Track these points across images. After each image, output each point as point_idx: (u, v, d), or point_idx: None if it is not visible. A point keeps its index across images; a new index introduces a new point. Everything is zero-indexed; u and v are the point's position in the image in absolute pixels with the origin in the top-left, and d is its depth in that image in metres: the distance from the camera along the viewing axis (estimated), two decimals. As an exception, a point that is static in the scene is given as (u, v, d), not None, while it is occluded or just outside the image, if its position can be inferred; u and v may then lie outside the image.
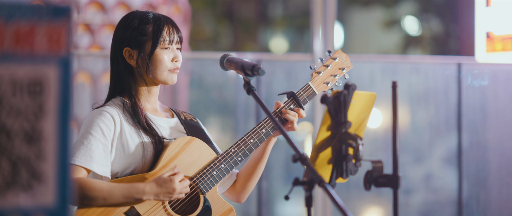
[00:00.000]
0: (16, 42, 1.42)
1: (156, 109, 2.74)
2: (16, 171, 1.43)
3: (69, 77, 1.46)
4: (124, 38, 2.68)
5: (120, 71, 2.69)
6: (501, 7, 6.19)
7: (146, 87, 2.69)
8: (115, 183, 2.54)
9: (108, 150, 2.58)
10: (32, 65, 1.43)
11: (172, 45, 2.68)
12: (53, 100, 1.45)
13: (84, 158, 2.54)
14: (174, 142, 2.63)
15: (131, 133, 2.62)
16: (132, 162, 2.60)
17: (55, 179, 1.46)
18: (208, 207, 2.64)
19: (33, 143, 1.44)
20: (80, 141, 2.56)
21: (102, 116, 2.60)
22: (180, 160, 2.63)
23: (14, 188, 1.43)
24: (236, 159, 2.67)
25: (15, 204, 1.43)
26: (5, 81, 1.41)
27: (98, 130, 2.57)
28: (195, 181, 2.64)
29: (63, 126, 1.46)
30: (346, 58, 2.87)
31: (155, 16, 2.69)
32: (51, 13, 1.45)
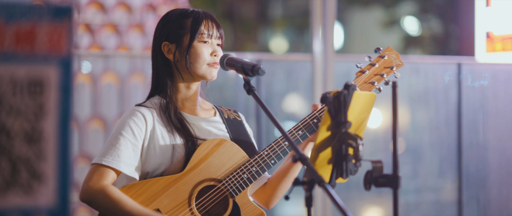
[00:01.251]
0: (16, 42, 1.42)
1: (196, 108, 2.71)
2: (16, 171, 1.43)
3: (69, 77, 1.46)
4: (163, 32, 2.67)
5: (159, 67, 2.67)
6: (501, 7, 6.19)
7: (185, 83, 2.66)
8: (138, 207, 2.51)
9: (138, 150, 2.56)
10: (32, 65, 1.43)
11: (211, 39, 2.65)
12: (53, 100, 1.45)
13: (112, 158, 2.52)
14: (204, 143, 2.60)
15: (163, 133, 2.59)
16: (162, 162, 2.58)
17: (55, 179, 1.46)
18: (237, 211, 2.59)
19: (33, 143, 1.44)
20: (110, 141, 2.56)
21: (133, 116, 2.59)
22: (209, 162, 2.59)
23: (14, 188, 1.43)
24: (269, 162, 2.61)
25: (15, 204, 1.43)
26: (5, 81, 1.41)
27: (128, 130, 2.56)
28: (224, 184, 2.59)
29: (63, 126, 1.46)
30: (397, 56, 2.73)
31: (194, 10, 2.67)
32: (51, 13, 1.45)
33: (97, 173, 2.53)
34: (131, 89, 5.77)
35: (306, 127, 2.64)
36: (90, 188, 2.50)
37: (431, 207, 6.04)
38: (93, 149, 5.72)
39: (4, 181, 1.41)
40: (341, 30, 11.17)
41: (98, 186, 2.50)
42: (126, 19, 6.40)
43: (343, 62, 5.87)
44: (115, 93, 5.75)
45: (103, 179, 2.51)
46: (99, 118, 5.72)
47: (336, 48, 5.80)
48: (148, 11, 6.51)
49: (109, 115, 5.74)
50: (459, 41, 9.82)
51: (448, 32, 10.90)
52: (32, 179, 1.44)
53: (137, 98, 5.74)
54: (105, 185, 2.50)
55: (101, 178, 2.52)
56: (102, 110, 5.72)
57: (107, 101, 5.71)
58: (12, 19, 1.41)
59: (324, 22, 5.53)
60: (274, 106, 5.77)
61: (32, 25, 1.43)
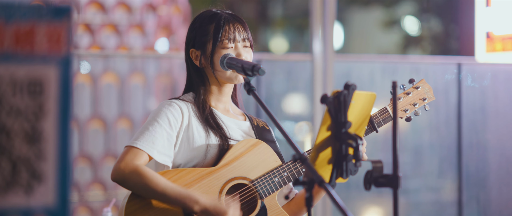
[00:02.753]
0: (16, 42, 1.42)
1: (228, 110, 2.73)
2: (16, 171, 1.43)
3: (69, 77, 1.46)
4: (189, 39, 2.69)
5: (190, 72, 2.71)
6: (501, 7, 6.19)
7: (216, 86, 2.69)
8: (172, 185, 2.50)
9: (172, 140, 2.57)
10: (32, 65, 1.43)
11: (234, 43, 2.65)
12: (53, 100, 1.45)
13: (146, 143, 2.53)
14: (241, 142, 2.62)
15: (198, 128, 2.61)
16: (195, 156, 2.59)
17: (55, 179, 1.46)
18: (264, 213, 2.60)
19: (33, 143, 1.44)
20: (145, 127, 2.56)
21: (170, 107, 2.60)
22: (243, 161, 2.61)
23: (14, 188, 1.43)
24: (301, 169, 2.63)
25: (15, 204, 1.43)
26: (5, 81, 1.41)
27: (165, 119, 2.57)
28: (255, 184, 2.61)
29: (63, 126, 1.46)
30: (429, 89, 2.85)
31: (218, 15, 2.68)
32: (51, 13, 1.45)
33: (130, 154, 2.52)
34: (131, 89, 5.77)
35: None
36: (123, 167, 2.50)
37: (431, 207, 6.04)
38: (93, 149, 5.72)
39: (4, 181, 1.41)
40: (341, 30, 11.17)
41: (132, 165, 2.49)
42: (126, 19, 6.40)
43: (343, 62, 5.87)
44: (115, 93, 5.75)
45: (136, 160, 2.51)
46: (99, 118, 5.73)
47: (336, 48, 5.81)
48: (148, 11, 6.51)
49: (109, 115, 5.74)
50: (459, 41, 9.82)
51: (448, 32, 10.90)
52: (32, 179, 1.44)
53: (137, 98, 5.74)
54: (138, 164, 2.50)
55: (135, 159, 2.51)
56: (102, 110, 5.72)
57: (107, 101, 5.72)
58: (12, 19, 1.41)
59: (324, 22, 5.53)
60: (274, 106, 5.77)
61: (31, 25, 1.43)
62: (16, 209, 1.43)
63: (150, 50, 6.46)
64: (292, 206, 2.76)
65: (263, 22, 11.58)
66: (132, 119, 5.74)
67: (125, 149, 2.54)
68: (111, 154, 5.76)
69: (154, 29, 6.50)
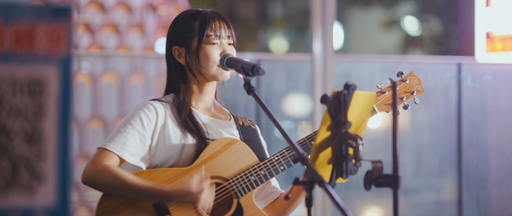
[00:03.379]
0: (16, 42, 1.42)
1: (209, 109, 2.70)
2: (16, 171, 1.43)
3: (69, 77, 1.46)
4: (172, 36, 2.66)
5: (171, 70, 2.68)
6: (501, 7, 6.19)
7: (198, 85, 2.66)
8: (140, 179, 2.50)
9: (145, 141, 2.56)
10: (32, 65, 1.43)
11: (220, 40, 2.64)
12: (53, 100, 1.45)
13: (117, 145, 2.53)
14: (216, 141, 2.59)
15: (174, 128, 2.59)
16: (171, 156, 2.57)
17: (55, 179, 1.46)
18: (240, 212, 2.57)
19: (33, 143, 1.44)
20: (118, 129, 2.57)
21: (145, 108, 2.59)
22: (218, 160, 2.58)
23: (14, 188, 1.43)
24: (278, 167, 2.60)
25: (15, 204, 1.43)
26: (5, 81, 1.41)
27: (137, 120, 2.56)
28: (230, 183, 2.58)
29: (63, 126, 1.46)
30: (419, 82, 2.73)
31: (202, 12, 2.66)
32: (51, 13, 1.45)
33: (100, 156, 2.53)
34: (131, 89, 5.77)
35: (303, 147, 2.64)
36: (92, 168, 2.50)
37: (431, 207, 6.04)
38: (93, 149, 5.71)
39: (4, 181, 1.41)
40: (341, 30, 11.17)
41: (100, 165, 2.50)
42: (126, 19, 6.40)
43: (343, 62, 5.87)
44: (115, 93, 5.75)
45: (105, 160, 2.52)
46: (99, 118, 5.72)
47: (336, 48, 5.81)
48: (148, 11, 6.51)
49: (109, 115, 5.74)
50: (459, 41, 9.82)
51: (448, 32, 10.90)
52: (32, 179, 1.44)
53: (137, 98, 5.74)
54: (108, 164, 2.51)
55: (104, 160, 2.52)
56: (102, 110, 5.72)
57: (107, 101, 5.72)
58: (12, 19, 1.41)
59: (324, 22, 5.53)
60: (274, 106, 5.76)
61: (31, 25, 1.43)
62: (16, 209, 1.43)
63: (150, 50, 6.46)
64: (276, 206, 2.72)
65: (263, 22, 11.57)
66: (132, 119, 5.73)
67: (96, 151, 2.56)
68: (111, 154, 5.75)
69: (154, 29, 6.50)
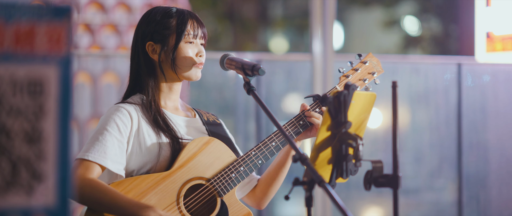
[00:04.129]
0: (16, 42, 1.42)
1: (177, 108, 2.68)
2: (16, 171, 1.43)
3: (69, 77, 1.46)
4: (147, 32, 2.62)
5: (140, 67, 2.63)
6: (501, 7, 6.19)
7: (167, 83, 2.63)
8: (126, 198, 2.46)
9: (123, 147, 2.52)
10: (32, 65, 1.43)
11: (196, 39, 2.62)
12: (53, 100, 1.45)
13: (98, 154, 2.48)
14: (192, 141, 2.57)
15: (148, 131, 2.56)
16: (148, 160, 2.54)
17: (55, 179, 1.46)
18: (225, 210, 2.57)
19: (33, 143, 1.44)
20: (95, 137, 2.51)
21: (118, 112, 2.54)
22: (198, 161, 2.57)
23: (14, 188, 1.43)
24: (256, 162, 2.60)
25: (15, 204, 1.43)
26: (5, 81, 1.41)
27: (114, 126, 2.52)
28: (212, 183, 2.57)
29: (63, 126, 1.46)
30: (377, 63, 2.78)
31: (178, 10, 2.64)
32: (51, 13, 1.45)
33: (82, 167, 2.47)
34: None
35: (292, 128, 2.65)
36: (79, 182, 2.44)
37: (431, 207, 6.04)
38: (93, 149, 5.71)
39: (4, 181, 1.41)
40: (341, 30, 11.17)
41: (84, 179, 2.45)
42: (126, 19, 6.39)
43: (343, 62, 5.87)
44: (115, 93, 5.75)
45: (89, 173, 2.47)
46: (99, 118, 5.72)
47: (336, 48, 5.81)
48: (148, 11, 6.50)
49: (109, 115, 5.73)
50: (459, 41, 9.82)
51: (448, 32, 10.90)
52: (32, 179, 1.44)
53: (137, 98, 5.74)
54: (91, 178, 2.46)
55: (87, 172, 2.47)
56: (102, 110, 5.71)
57: (107, 101, 5.71)
58: (12, 19, 1.41)
59: (324, 22, 5.53)
60: (274, 106, 5.76)
61: (31, 25, 1.43)
62: (16, 209, 1.43)
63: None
64: (258, 192, 2.74)
65: (263, 22, 11.57)
66: (132, 119, 5.74)
67: (76, 162, 2.50)
68: (111, 154, 5.76)
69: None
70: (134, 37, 2.67)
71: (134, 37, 2.67)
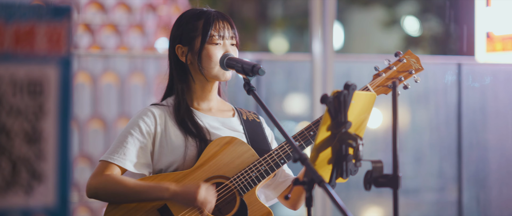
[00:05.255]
0: (16, 42, 1.42)
1: (212, 108, 2.71)
2: (16, 171, 1.43)
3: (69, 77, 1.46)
4: (176, 35, 2.67)
5: (173, 69, 2.69)
6: (501, 7, 6.19)
7: (198, 84, 2.67)
8: (142, 181, 2.54)
9: (147, 149, 2.60)
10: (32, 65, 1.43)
11: (223, 40, 2.64)
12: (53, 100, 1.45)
13: (118, 156, 2.57)
14: (214, 141, 2.61)
15: (175, 132, 2.61)
16: (174, 160, 2.60)
17: (55, 179, 1.46)
18: (244, 209, 2.59)
19: (33, 143, 1.44)
20: (118, 140, 2.61)
21: (144, 115, 2.62)
22: (219, 160, 2.59)
23: (14, 188, 1.43)
24: (278, 161, 2.61)
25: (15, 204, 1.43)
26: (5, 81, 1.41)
27: (136, 130, 2.60)
28: (232, 182, 2.59)
29: (63, 126, 1.46)
30: (417, 60, 2.67)
31: (206, 11, 2.67)
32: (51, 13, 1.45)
33: (102, 168, 2.59)
34: (131, 89, 5.77)
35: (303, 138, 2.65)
36: (93, 181, 2.57)
37: (431, 207, 6.04)
38: (93, 149, 5.71)
39: (4, 181, 1.41)
40: (341, 30, 11.17)
41: (102, 175, 2.56)
42: (126, 19, 6.39)
43: (343, 62, 5.87)
44: (115, 93, 5.75)
45: (107, 171, 2.57)
46: (99, 118, 5.72)
47: (336, 48, 5.81)
48: (148, 11, 6.50)
49: (109, 115, 5.74)
50: (459, 41, 9.82)
51: (448, 32, 10.89)
52: (32, 179, 1.44)
53: (137, 98, 5.74)
54: (107, 173, 2.56)
55: (105, 171, 2.57)
56: (102, 110, 5.71)
57: (107, 101, 5.71)
58: (12, 19, 1.41)
59: (324, 22, 5.53)
60: (274, 106, 5.76)
61: (31, 25, 1.43)
62: (16, 209, 1.43)
63: (150, 50, 6.46)
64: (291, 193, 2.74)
65: (263, 22, 11.57)
66: (132, 119, 5.74)
67: (99, 164, 2.62)
68: (111, 154, 5.75)
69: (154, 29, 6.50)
70: (169, 41, 2.73)
71: (169, 41, 2.73)
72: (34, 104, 1.44)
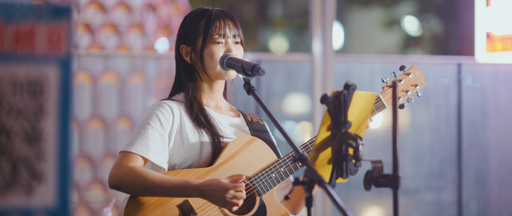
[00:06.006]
0: (16, 42, 1.42)
1: (220, 107, 2.72)
2: (16, 171, 1.43)
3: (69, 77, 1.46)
4: (180, 35, 2.68)
5: (179, 69, 2.69)
6: (501, 7, 6.19)
7: (205, 83, 2.68)
8: (169, 176, 2.51)
9: (165, 141, 2.57)
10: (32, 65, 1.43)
11: (226, 39, 2.64)
12: (53, 100, 1.45)
13: (141, 147, 2.53)
14: (236, 140, 2.61)
15: (191, 127, 2.60)
16: (189, 156, 2.58)
17: (55, 179, 1.46)
18: (263, 209, 2.60)
19: (33, 143, 1.44)
20: (138, 131, 2.56)
21: (161, 108, 2.59)
22: (239, 159, 2.60)
23: (14, 188, 1.43)
24: (297, 164, 2.61)
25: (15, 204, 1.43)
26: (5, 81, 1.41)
27: (156, 121, 2.57)
28: (252, 181, 2.60)
29: (63, 126, 1.46)
30: (421, 75, 2.82)
31: (208, 11, 2.67)
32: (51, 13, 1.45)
33: (125, 159, 2.53)
34: (131, 89, 5.77)
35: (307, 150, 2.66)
36: (118, 171, 2.50)
37: (431, 207, 6.04)
38: (93, 149, 5.72)
39: (4, 181, 1.41)
40: (341, 30, 11.17)
41: (126, 167, 2.50)
42: (126, 19, 6.40)
43: (343, 62, 5.87)
44: (115, 93, 5.75)
45: (131, 162, 2.52)
46: (99, 118, 5.73)
47: (336, 48, 5.81)
48: (148, 11, 6.51)
49: (109, 115, 5.74)
50: (459, 41, 9.82)
51: (448, 32, 10.90)
52: (32, 179, 1.44)
53: (137, 98, 5.74)
54: (134, 165, 2.51)
55: (129, 162, 2.52)
56: (102, 110, 5.72)
57: (107, 101, 5.72)
58: (12, 19, 1.41)
59: (324, 22, 5.53)
60: (274, 106, 5.77)
61: (31, 25, 1.43)
62: (16, 209, 1.43)
63: (150, 50, 6.46)
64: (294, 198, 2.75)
65: (263, 22, 11.57)
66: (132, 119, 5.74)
67: (120, 155, 2.55)
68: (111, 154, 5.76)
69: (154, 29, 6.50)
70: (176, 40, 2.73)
71: (176, 40, 2.73)
72: (34, 104, 1.44)
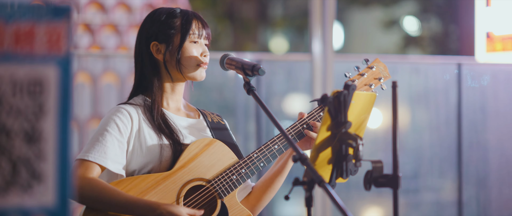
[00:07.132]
0: (16, 42, 1.42)
1: (180, 109, 2.69)
2: (16, 171, 1.43)
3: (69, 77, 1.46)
4: (151, 32, 2.63)
5: (144, 67, 2.64)
6: (501, 7, 6.19)
7: (171, 84, 2.64)
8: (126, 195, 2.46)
9: (124, 148, 2.53)
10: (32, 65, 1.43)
11: (201, 39, 2.63)
12: (53, 100, 1.45)
13: (99, 155, 2.48)
14: (194, 142, 2.57)
15: (149, 132, 2.56)
16: (149, 160, 2.55)
17: (55, 179, 1.46)
18: (225, 212, 2.56)
19: (33, 143, 1.44)
20: (95, 138, 2.52)
21: (119, 113, 2.55)
22: (199, 162, 2.56)
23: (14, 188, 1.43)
24: (258, 164, 2.59)
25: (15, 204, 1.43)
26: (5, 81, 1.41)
27: (114, 127, 2.52)
28: (213, 184, 2.57)
29: (63, 126, 1.46)
30: (384, 68, 2.77)
31: (182, 10, 2.65)
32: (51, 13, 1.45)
33: (82, 167, 2.47)
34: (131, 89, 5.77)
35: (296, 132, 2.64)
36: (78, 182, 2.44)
37: (431, 207, 6.04)
38: (93, 149, 5.71)
39: (4, 181, 1.41)
40: (341, 30, 11.17)
41: (85, 178, 2.45)
42: (126, 19, 6.39)
43: (343, 62, 5.87)
44: (115, 93, 5.75)
45: (89, 173, 2.47)
46: (99, 118, 5.72)
47: (336, 48, 5.81)
48: (148, 11, 6.50)
49: (109, 115, 5.73)
50: (459, 41, 9.82)
51: (448, 32, 10.89)
52: (32, 179, 1.44)
53: (137, 98, 5.74)
54: (92, 177, 2.46)
55: (87, 172, 2.47)
56: (102, 110, 5.72)
57: (107, 101, 5.71)
58: (12, 19, 1.41)
59: (324, 22, 5.53)
60: (274, 106, 5.76)
61: (31, 25, 1.43)
62: (16, 209, 1.43)
63: (150, 50, 6.45)
64: (252, 200, 2.71)
65: (263, 22, 11.57)
66: (132, 119, 5.74)
67: (77, 163, 2.50)
68: (111, 154, 5.76)
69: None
70: (138, 37, 2.68)
71: (138, 38, 2.68)
72: (34, 104, 1.44)
